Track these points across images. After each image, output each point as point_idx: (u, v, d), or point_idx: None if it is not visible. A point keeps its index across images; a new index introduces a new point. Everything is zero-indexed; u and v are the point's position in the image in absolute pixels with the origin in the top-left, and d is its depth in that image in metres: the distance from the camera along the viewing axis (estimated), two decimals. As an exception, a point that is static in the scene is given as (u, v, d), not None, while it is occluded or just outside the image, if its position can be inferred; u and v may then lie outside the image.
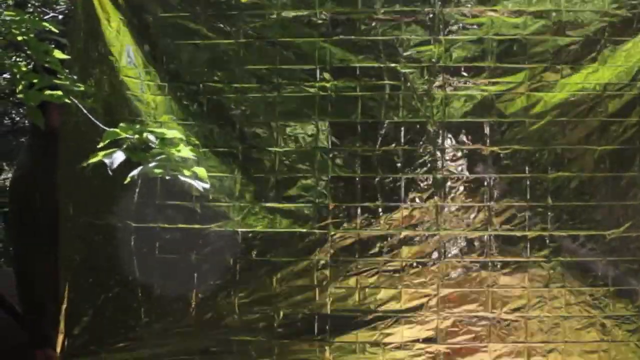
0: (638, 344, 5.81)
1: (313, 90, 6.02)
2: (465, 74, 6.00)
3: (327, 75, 6.02)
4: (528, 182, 5.92)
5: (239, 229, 5.94)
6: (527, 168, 5.93)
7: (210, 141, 6.01)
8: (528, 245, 5.87)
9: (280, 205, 5.97)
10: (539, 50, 5.96)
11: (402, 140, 5.97)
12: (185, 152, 3.58)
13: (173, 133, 3.66)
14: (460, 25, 6.03)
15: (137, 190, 5.90)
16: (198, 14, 6.06)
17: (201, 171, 3.54)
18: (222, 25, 6.07)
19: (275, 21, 6.04)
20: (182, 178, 3.51)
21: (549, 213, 5.89)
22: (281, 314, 5.91)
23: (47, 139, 6.17)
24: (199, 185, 3.50)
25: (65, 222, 6.03)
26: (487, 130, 5.97)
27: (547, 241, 5.88)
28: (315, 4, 6.02)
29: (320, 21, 6.03)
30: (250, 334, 5.91)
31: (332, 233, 5.94)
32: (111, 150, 3.71)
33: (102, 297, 5.98)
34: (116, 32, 6.02)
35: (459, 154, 6.01)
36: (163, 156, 3.55)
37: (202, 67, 6.06)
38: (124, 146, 3.71)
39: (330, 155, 5.98)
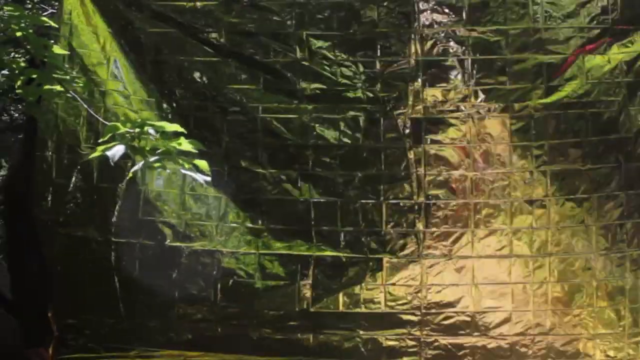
0: None
1: (292, 114, 5.98)
2: (444, 97, 5.98)
3: (303, 96, 5.99)
4: (510, 207, 5.91)
5: (222, 249, 5.94)
6: (509, 192, 5.91)
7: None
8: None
9: (263, 227, 5.96)
10: (519, 68, 5.96)
11: (383, 166, 5.96)
12: (186, 145, 3.56)
13: (173, 126, 3.65)
14: (441, 46, 5.99)
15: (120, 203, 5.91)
16: (187, 26, 6.03)
17: (202, 163, 3.53)
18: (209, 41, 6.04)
19: (256, 41, 6.01)
20: (183, 171, 3.51)
21: (533, 236, 5.88)
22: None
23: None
24: (200, 177, 3.49)
25: (44, 231, 6.01)
26: (469, 154, 5.95)
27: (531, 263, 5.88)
28: (292, 25, 5.99)
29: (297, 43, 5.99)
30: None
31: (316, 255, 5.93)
32: (112, 144, 3.70)
33: (87, 302, 5.97)
34: (102, 44, 5.98)
35: (441, 179, 5.98)
36: (163, 150, 3.56)
37: (191, 83, 6.05)
38: (124, 140, 3.69)
39: (311, 179, 5.96)
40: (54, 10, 7.48)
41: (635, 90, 5.94)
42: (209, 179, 3.50)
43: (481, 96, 6.00)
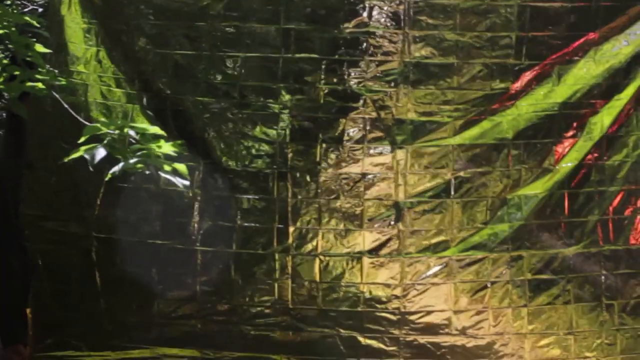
0: None
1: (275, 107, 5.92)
2: (428, 99, 5.94)
3: (286, 93, 5.94)
4: (488, 206, 5.95)
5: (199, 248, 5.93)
6: (488, 191, 5.94)
7: None
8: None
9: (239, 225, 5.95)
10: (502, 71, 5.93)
11: (365, 163, 5.95)
12: (167, 147, 3.59)
13: (154, 129, 3.68)
14: (428, 47, 5.97)
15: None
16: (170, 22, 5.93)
17: (181, 167, 3.55)
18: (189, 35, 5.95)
19: (239, 34, 5.91)
20: (162, 174, 3.53)
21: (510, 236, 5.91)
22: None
23: (22, 135, 6.14)
24: (179, 181, 3.52)
25: (29, 225, 6.00)
26: (450, 155, 5.94)
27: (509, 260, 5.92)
28: (280, 19, 5.87)
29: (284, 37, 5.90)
30: None
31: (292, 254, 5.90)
32: (92, 145, 3.72)
33: (67, 301, 5.92)
34: (86, 35, 5.95)
35: (422, 179, 5.99)
36: (144, 152, 3.57)
37: (169, 76, 5.92)
38: (105, 142, 3.71)
39: (289, 176, 5.90)
40: (35, 7, 7.47)
41: None
42: (187, 183, 3.53)
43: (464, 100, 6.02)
